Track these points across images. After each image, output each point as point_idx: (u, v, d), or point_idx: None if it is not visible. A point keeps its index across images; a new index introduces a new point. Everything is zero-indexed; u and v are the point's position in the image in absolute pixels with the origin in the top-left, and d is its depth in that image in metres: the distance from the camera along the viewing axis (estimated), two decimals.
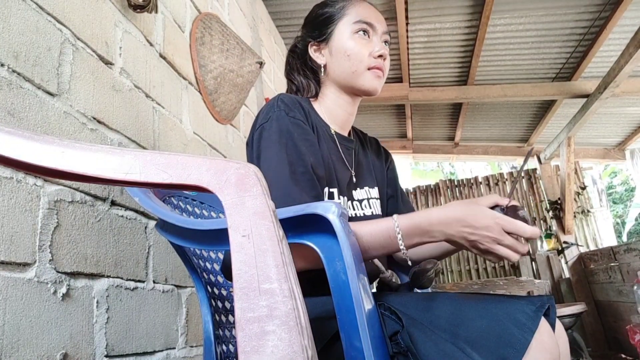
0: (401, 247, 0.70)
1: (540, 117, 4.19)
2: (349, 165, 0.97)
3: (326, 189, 0.86)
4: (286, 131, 0.82)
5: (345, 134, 1.02)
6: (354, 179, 0.96)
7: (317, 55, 0.98)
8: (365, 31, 0.94)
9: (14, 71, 0.87)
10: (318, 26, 0.98)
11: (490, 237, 0.65)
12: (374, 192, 1.02)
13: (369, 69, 0.93)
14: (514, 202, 0.70)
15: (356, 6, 0.96)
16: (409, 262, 0.77)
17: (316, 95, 1.00)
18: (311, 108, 0.96)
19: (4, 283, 0.78)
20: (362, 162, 1.03)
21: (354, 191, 0.96)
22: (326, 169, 0.87)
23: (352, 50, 0.93)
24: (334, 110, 0.99)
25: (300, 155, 0.80)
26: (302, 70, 1.02)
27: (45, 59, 0.95)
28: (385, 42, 0.96)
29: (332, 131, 0.97)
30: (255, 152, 0.84)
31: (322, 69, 0.98)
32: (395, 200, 1.08)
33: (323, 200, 0.81)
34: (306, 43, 1.00)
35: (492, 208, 0.68)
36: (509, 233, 0.65)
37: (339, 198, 0.89)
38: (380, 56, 0.93)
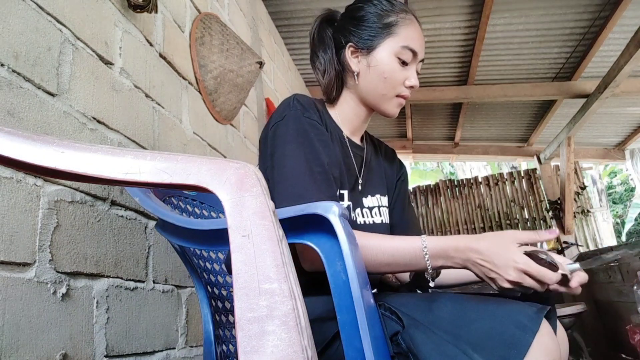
0: (428, 266, 0.71)
1: (540, 117, 4.19)
2: (357, 172, 0.96)
3: (337, 190, 0.86)
4: (302, 130, 0.82)
5: (357, 139, 1.01)
6: (360, 186, 0.95)
7: (354, 60, 0.94)
8: (406, 61, 0.91)
9: (13, 71, 0.87)
10: (364, 31, 0.92)
11: (508, 280, 0.64)
12: (385, 200, 1.01)
13: (397, 96, 0.92)
14: (544, 250, 0.67)
15: (408, 27, 0.91)
16: (431, 283, 0.76)
17: (335, 99, 0.98)
18: (325, 111, 0.95)
19: (3, 283, 0.78)
20: (374, 169, 1.02)
21: (364, 198, 0.95)
22: (339, 171, 0.87)
23: (390, 74, 0.90)
24: (349, 116, 0.97)
25: (317, 154, 0.80)
26: (334, 63, 0.96)
27: (45, 59, 0.95)
28: (417, 73, 0.94)
29: (345, 136, 0.96)
30: (269, 149, 0.83)
31: (355, 77, 0.94)
32: (400, 211, 1.06)
33: (338, 200, 0.81)
34: (346, 41, 0.94)
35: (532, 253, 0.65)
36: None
37: (348, 201, 0.89)
38: (411, 87, 0.92)
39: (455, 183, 5.63)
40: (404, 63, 0.91)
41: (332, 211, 0.59)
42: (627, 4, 2.61)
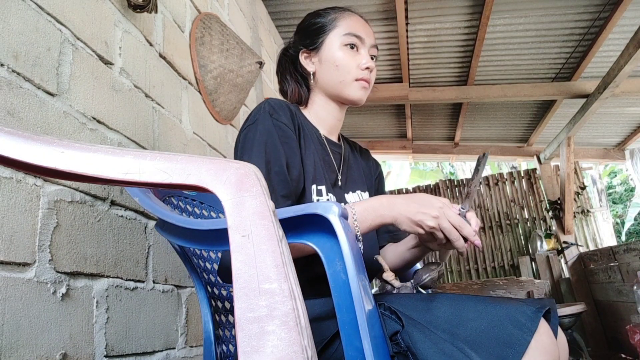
0: (356, 230, 0.75)
1: (540, 117, 4.19)
2: (337, 168, 1.00)
3: (314, 186, 0.89)
4: (267, 132, 0.85)
5: (334, 138, 1.05)
6: (340, 182, 0.99)
7: (307, 62, 1.02)
8: (354, 44, 0.97)
9: (13, 71, 0.87)
10: (310, 35, 1.02)
11: (432, 215, 0.73)
12: (366, 195, 1.04)
13: (356, 80, 0.97)
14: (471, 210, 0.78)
15: (347, 19, 1.00)
16: (360, 244, 0.81)
17: (306, 102, 1.04)
18: (300, 113, 0.99)
19: (3, 283, 0.78)
20: (353, 166, 1.06)
21: (346, 195, 0.98)
22: (313, 168, 0.90)
23: (341, 61, 0.97)
24: (322, 115, 1.02)
25: (278, 155, 0.83)
26: (294, 74, 1.06)
27: (44, 59, 0.95)
28: (373, 56, 1.00)
29: (322, 135, 1.00)
30: (239, 151, 0.87)
31: (312, 76, 1.01)
32: None
33: (291, 200, 0.83)
34: (298, 50, 1.03)
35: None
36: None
37: (327, 195, 0.90)
38: (367, 68, 0.97)
39: (455, 183, 5.63)
40: (352, 47, 0.97)
41: (332, 211, 0.59)
42: (627, 4, 2.61)
